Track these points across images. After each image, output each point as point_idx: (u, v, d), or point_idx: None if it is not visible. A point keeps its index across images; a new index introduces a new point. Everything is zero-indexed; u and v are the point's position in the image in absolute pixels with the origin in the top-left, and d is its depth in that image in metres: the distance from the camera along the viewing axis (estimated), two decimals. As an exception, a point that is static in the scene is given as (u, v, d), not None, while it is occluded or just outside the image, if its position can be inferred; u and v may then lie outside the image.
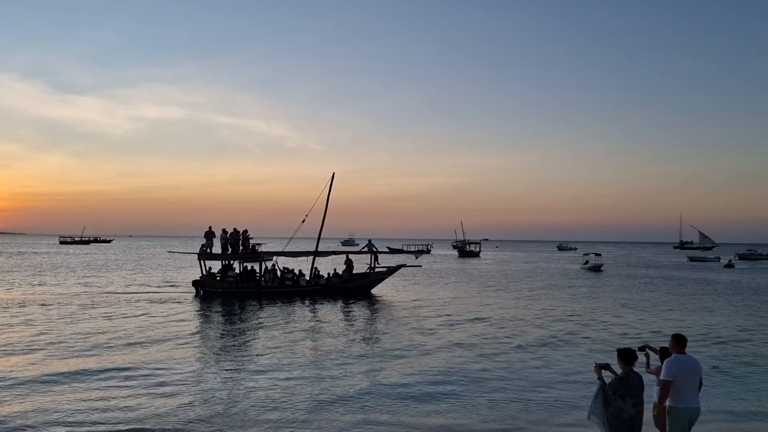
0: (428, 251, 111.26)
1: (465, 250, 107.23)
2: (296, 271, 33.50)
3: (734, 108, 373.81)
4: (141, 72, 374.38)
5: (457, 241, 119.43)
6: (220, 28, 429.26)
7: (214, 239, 33.02)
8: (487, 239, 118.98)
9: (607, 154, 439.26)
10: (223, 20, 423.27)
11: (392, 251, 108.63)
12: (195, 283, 32.96)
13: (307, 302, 29.55)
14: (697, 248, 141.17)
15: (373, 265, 34.50)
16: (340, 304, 29.25)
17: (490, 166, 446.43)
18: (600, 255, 70.70)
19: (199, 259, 33.26)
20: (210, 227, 33.33)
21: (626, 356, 6.94)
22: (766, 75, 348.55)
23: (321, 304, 29.07)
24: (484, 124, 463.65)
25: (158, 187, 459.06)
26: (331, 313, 26.26)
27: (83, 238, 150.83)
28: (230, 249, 32.75)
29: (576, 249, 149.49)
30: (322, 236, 35.11)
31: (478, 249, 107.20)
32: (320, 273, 34.06)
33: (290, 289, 31.98)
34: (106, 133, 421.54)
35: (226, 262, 33.27)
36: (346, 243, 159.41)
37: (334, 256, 37.13)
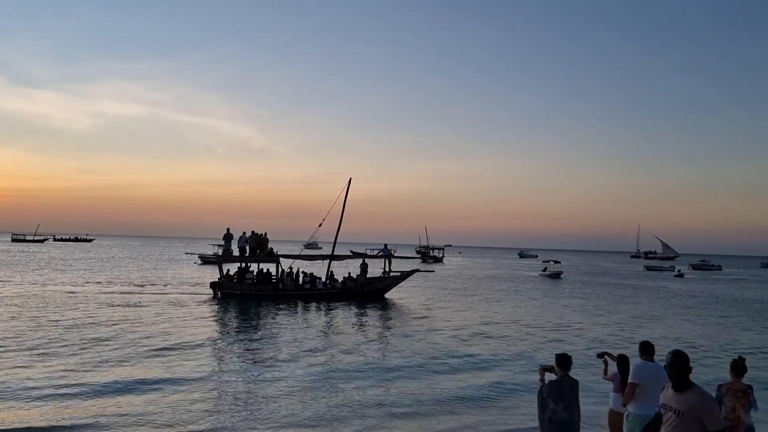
0: (392, 255, 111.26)
1: (428, 255, 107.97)
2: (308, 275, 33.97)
3: (690, 122, 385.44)
4: (102, 67, 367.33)
5: (420, 247, 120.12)
6: (187, 25, 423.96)
7: (232, 241, 33.21)
8: (450, 245, 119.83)
9: (571, 163, 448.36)
10: (191, 18, 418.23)
11: (355, 255, 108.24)
12: (213, 284, 33.16)
13: (324, 305, 29.94)
14: (660, 258, 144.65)
15: (387, 270, 35.16)
16: (356, 307, 29.70)
17: (455, 173, 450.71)
18: (559, 263, 72.19)
19: (218, 262, 33.32)
20: (228, 229, 33.56)
21: (562, 361, 7.08)
22: (721, 90, 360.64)
23: (338, 307, 29.51)
24: (450, 131, 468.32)
25: (117, 185, 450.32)
26: (349, 316, 26.80)
27: (36, 237, 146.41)
28: (249, 251, 32.87)
29: (537, 256, 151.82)
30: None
31: (441, 255, 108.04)
32: (335, 276, 34.49)
33: (307, 292, 32.42)
34: (64, 129, 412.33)
35: (244, 265, 33.49)
36: (308, 246, 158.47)
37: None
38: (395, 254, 37.31)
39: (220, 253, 35.06)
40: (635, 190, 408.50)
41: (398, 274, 35.58)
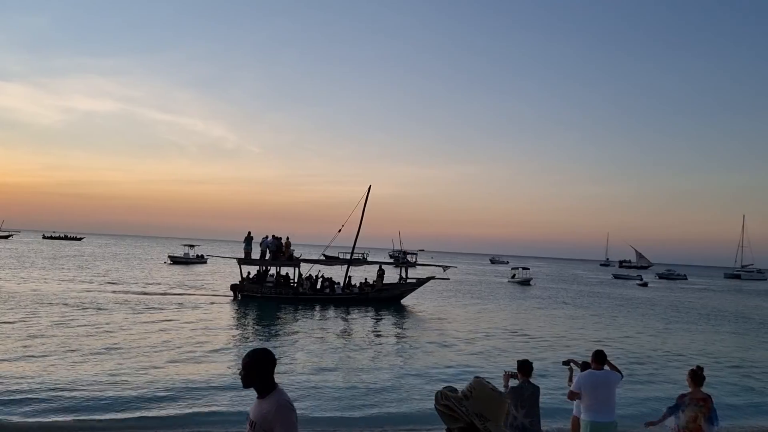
0: (365, 259, 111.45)
1: (401, 260, 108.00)
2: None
3: (659, 134, 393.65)
4: (74, 61, 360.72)
5: (394, 251, 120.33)
6: (163, 22, 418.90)
7: (253, 244, 33.40)
8: (423, 250, 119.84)
9: (543, 171, 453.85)
10: (166, 14, 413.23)
11: (328, 259, 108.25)
12: (233, 287, 33.32)
13: (342, 310, 30.20)
14: (634, 267, 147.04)
15: (405, 277, 35.72)
16: (374, 312, 30.14)
17: (429, 178, 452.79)
18: (528, 269, 73.10)
19: (239, 264, 33.82)
20: (249, 232, 33.76)
21: (523, 368, 7.20)
22: (694, 102, 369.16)
23: (356, 312, 29.86)
24: (425, 136, 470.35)
25: (86, 182, 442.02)
26: (367, 321, 27.34)
27: (0, 233, 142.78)
28: (269, 255, 33.02)
29: (508, 263, 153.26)
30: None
31: (414, 260, 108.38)
32: (353, 282, 34.79)
33: (326, 297, 32.73)
34: (32, 123, 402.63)
35: (264, 268, 33.70)
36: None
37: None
38: (368, 258, 37.63)
39: (191, 256, 34.89)
40: (605, 199, 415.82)
41: (414, 280, 36.06)
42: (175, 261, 70.99)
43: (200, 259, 75.15)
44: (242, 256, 34.12)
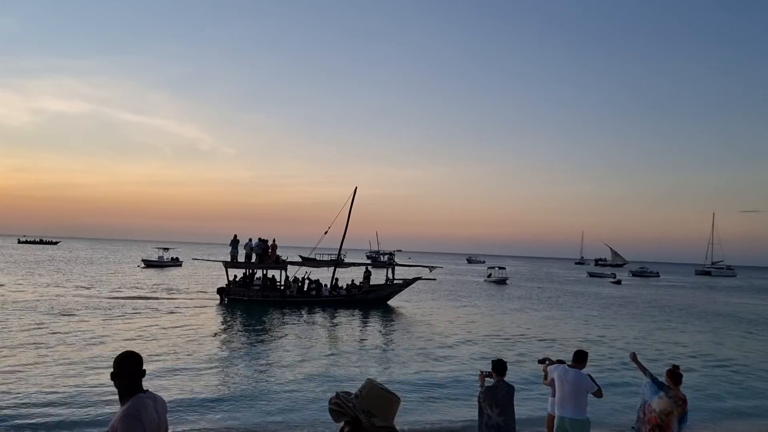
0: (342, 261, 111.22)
1: (378, 260, 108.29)
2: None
3: (635, 135, 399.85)
4: (44, 62, 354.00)
5: (371, 252, 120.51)
6: (135, 22, 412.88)
7: (239, 247, 33.20)
8: (400, 250, 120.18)
9: (517, 172, 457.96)
10: (139, 15, 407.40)
11: (304, 260, 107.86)
12: (220, 290, 33.08)
13: (329, 311, 30.20)
14: (610, 265, 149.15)
15: (392, 278, 35.78)
16: (361, 314, 30.17)
17: (407, 179, 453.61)
18: (504, 269, 73.73)
19: (225, 267, 33.62)
20: (235, 235, 33.41)
21: (497, 367, 7.30)
22: (667, 105, 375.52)
23: (343, 313, 29.88)
24: (402, 137, 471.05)
25: (58, 184, 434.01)
26: (354, 323, 27.37)
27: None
28: (255, 257, 32.86)
29: (484, 262, 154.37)
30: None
31: (391, 260, 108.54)
32: (339, 284, 34.79)
33: (313, 299, 32.74)
34: (1, 125, 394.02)
35: (250, 271, 33.59)
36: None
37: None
38: (345, 259, 37.55)
39: (166, 259, 34.69)
40: (580, 198, 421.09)
41: (401, 281, 36.16)
42: (149, 265, 70.06)
43: (175, 263, 74.31)
44: (223, 258, 33.94)
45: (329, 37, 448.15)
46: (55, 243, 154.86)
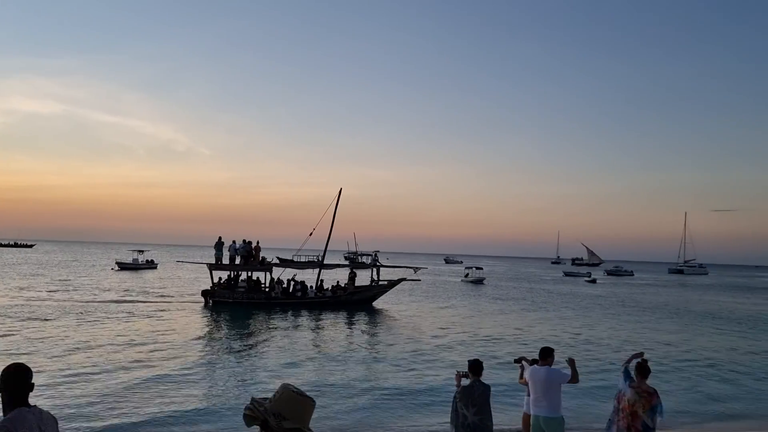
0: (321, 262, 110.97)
1: (357, 261, 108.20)
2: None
3: (609, 135, 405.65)
4: (14, 62, 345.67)
5: (349, 253, 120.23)
6: (109, 21, 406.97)
7: (224, 249, 33.00)
8: (378, 251, 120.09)
9: (495, 172, 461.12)
10: (113, 13, 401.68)
11: (282, 262, 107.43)
12: (204, 292, 32.79)
13: (315, 313, 30.16)
14: (586, 264, 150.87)
15: (376, 279, 35.86)
16: (347, 315, 30.20)
17: (385, 179, 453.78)
18: (481, 269, 74.22)
19: (210, 269, 33.48)
20: (220, 237, 33.36)
21: (473, 367, 7.31)
22: (638, 105, 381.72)
23: (329, 315, 29.92)
24: (380, 137, 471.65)
25: (29, 186, 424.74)
26: (340, 324, 27.49)
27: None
28: (240, 260, 32.79)
29: (462, 262, 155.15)
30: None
31: (370, 261, 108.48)
32: (324, 285, 34.84)
33: (299, 300, 32.69)
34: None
35: (234, 273, 33.47)
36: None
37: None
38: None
39: (140, 261, 34.30)
40: (555, 198, 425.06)
41: (386, 282, 36.25)
42: (123, 267, 69.08)
43: (150, 265, 73.44)
44: (205, 260, 33.75)
45: (309, 36, 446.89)
46: (31, 246, 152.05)
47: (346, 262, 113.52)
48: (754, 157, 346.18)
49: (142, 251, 76.79)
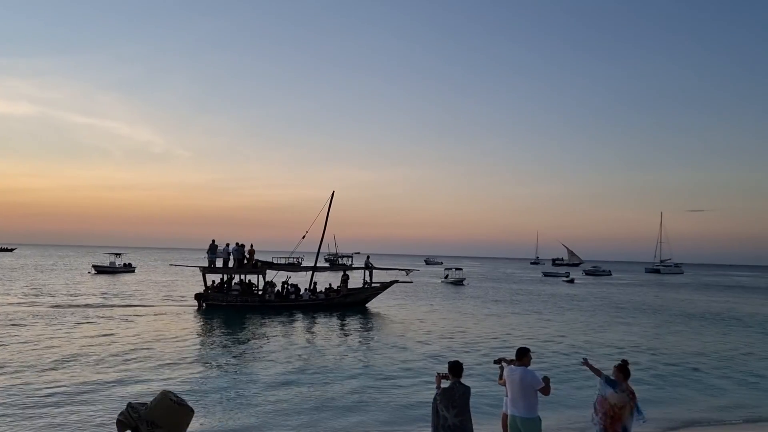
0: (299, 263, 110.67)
1: (337, 263, 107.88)
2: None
3: (585, 135, 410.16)
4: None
5: (329, 254, 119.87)
6: (86, 21, 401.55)
7: (217, 252, 33.03)
8: (358, 252, 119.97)
9: (474, 173, 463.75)
10: (90, 13, 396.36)
11: (262, 264, 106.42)
12: (198, 296, 32.57)
13: (309, 316, 30.23)
14: (567, 264, 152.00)
15: (369, 281, 36.08)
16: (340, 317, 30.30)
17: (365, 180, 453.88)
18: (461, 269, 74.58)
19: (203, 273, 33.34)
20: (213, 241, 33.30)
21: (453, 368, 7.35)
22: (614, 106, 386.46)
23: (323, 317, 30.03)
24: (361, 138, 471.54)
25: (3, 189, 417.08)
26: (334, 326, 27.52)
27: None
28: (234, 263, 32.75)
29: (442, 263, 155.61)
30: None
31: (350, 262, 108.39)
32: (316, 287, 34.96)
33: (292, 303, 32.77)
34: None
35: (228, 276, 33.43)
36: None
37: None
38: (302, 263, 37.42)
39: (118, 264, 34.13)
40: (534, 199, 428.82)
41: (378, 285, 36.47)
42: (100, 271, 68.11)
43: (128, 268, 72.54)
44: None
45: (289, 36, 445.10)
46: (11, 250, 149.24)
47: (327, 264, 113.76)
48: (727, 158, 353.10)
49: (119, 254, 75.78)
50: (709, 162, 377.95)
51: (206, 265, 33.63)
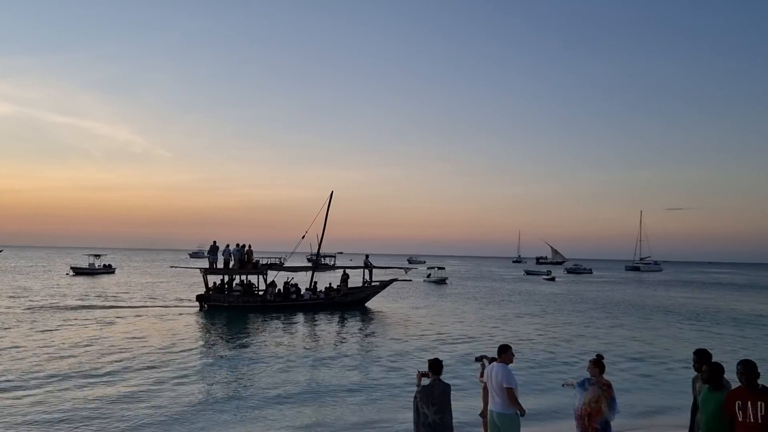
0: (282, 264, 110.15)
1: (319, 264, 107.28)
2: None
3: (567, 135, 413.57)
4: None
5: (311, 254, 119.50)
6: (66, 20, 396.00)
7: (218, 253, 33.22)
8: (341, 252, 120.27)
9: (457, 173, 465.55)
10: (70, 12, 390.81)
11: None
12: (199, 297, 32.63)
13: (310, 315, 30.42)
14: (550, 263, 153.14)
15: (369, 280, 36.30)
16: (341, 316, 30.58)
17: (348, 180, 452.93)
18: (444, 269, 74.87)
19: (204, 274, 33.12)
20: (214, 242, 33.55)
21: (432, 366, 7.43)
22: (596, 105, 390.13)
23: (324, 316, 30.24)
24: (344, 138, 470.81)
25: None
26: (335, 325, 27.71)
27: None
28: (235, 263, 32.91)
29: (425, 262, 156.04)
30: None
31: (333, 262, 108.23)
32: (317, 287, 35.17)
33: (293, 303, 32.93)
34: None
35: (228, 277, 33.57)
36: (194, 255, 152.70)
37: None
38: (285, 263, 37.43)
39: (97, 266, 33.86)
40: (516, 198, 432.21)
41: (378, 283, 36.78)
42: (79, 272, 67.21)
43: (107, 269, 71.78)
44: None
45: (273, 36, 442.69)
46: None
47: (309, 264, 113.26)
48: (705, 157, 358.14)
49: (99, 255, 74.94)
50: (688, 161, 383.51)
51: (206, 266, 33.93)
